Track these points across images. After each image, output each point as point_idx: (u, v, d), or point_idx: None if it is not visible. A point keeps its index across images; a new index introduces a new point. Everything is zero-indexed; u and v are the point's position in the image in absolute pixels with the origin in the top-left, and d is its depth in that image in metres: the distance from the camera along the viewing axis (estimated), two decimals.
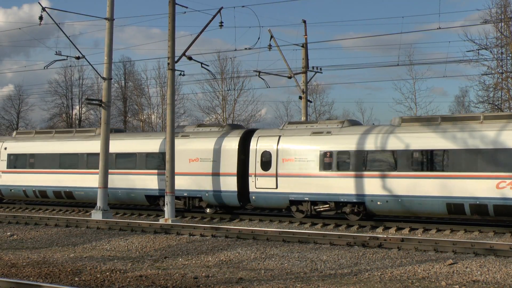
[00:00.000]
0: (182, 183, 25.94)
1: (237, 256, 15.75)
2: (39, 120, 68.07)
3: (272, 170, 24.35)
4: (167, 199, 24.12)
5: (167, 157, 24.40)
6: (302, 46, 32.85)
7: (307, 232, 19.00)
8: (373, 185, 22.34)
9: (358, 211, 23.03)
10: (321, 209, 23.71)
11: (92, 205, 28.28)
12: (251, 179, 24.80)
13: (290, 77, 32.69)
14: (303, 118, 32.61)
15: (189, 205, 26.76)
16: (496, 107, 42.85)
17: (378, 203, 22.24)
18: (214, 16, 25.22)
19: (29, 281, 11.72)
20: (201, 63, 26.89)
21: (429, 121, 22.72)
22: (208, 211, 26.79)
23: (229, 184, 25.33)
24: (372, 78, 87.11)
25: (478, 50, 39.90)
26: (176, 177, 24.51)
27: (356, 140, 22.97)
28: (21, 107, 67.94)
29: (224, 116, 54.07)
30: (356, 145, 22.85)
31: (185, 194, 26.39)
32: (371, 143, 22.71)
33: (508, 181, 20.00)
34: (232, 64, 54.99)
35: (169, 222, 23.19)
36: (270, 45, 30.95)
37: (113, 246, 18.00)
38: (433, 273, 13.28)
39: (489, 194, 20.31)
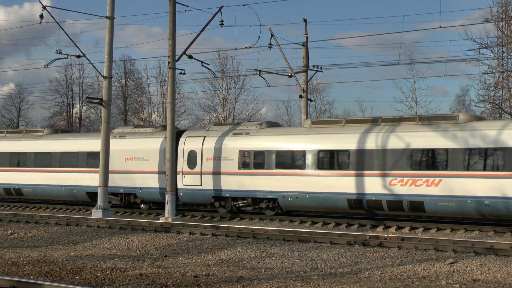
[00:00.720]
0: (118, 181, 27.90)
1: (238, 255, 15.76)
2: (39, 119, 68.15)
3: (197, 168, 26.10)
4: (167, 197, 24.13)
5: (168, 155, 24.42)
6: (303, 45, 32.83)
7: (307, 231, 19.01)
8: (284, 183, 24.11)
9: (273, 207, 24.79)
10: (240, 204, 25.47)
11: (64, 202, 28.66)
12: (179, 177, 26.28)
13: (290, 76, 32.67)
14: (303, 117, 32.62)
15: (125, 201, 28.51)
16: (496, 106, 42.85)
17: (289, 199, 24.06)
18: (215, 15, 25.23)
19: (30, 280, 11.73)
20: (202, 62, 26.91)
21: (334, 123, 24.74)
22: (142, 206, 28.63)
23: (160, 181, 26.87)
24: (372, 77, 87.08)
25: (479, 49, 39.87)
26: (113, 175, 26.60)
27: (271, 140, 24.79)
28: (22, 106, 68.03)
29: (225, 114, 54.08)
30: (270, 145, 24.68)
31: (121, 191, 28.25)
32: (283, 144, 24.65)
33: (398, 178, 21.94)
34: (233, 62, 55.06)
35: (170, 221, 23.21)
36: (270, 44, 30.96)
37: (114, 244, 18.01)
38: (433, 272, 13.28)
39: (382, 191, 22.25)
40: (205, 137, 26.40)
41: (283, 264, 14.52)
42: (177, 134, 26.67)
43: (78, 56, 27.01)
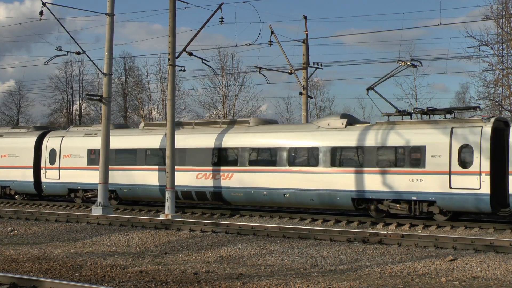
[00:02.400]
0: None
1: (237, 252, 15.76)
2: (39, 116, 68.27)
3: (56, 164, 30.04)
4: (168, 194, 24.15)
5: (168, 153, 24.44)
6: (303, 42, 32.82)
7: (307, 228, 19.01)
8: (120, 177, 27.77)
9: (116, 197, 28.67)
10: (89, 195, 29.38)
11: (92, 200, 28.71)
12: (42, 172, 30.47)
13: (290, 73, 32.66)
14: (303, 114, 32.64)
15: (2, 192, 32.61)
16: (496, 104, 42.80)
17: (124, 190, 27.99)
18: (215, 12, 25.22)
19: (30, 276, 11.73)
20: (202, 59, 26.90)
21: (163, 126, 27.62)
22: (17, 197, 32.66)
23: (28, 175, 31.00)
24: (372, 74, 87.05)
25: (479, 46, 39.77)
26: None
27: (113, 140, 27.15)
28: (22, 103, 68.01)
29: (225, 112, 54.06)
30: (112, 144, 27.10)
31: None
32: (120, 143, 28.17)
33: (202, 173, 25.79)
34: (233, 60, 55.05)
35: (170, 217, 23.23)
36: (270, 41, 30.96)
37: (114, 241, 18.02)
38: (433, 269, 13.29)
39: (191, 183, 25.99)
40: (63, 137, 30.33)
41: (283, 261, 14.53)
42: (44, 134, 31.35)
43: (78, 53, 27.02)
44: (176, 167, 24.95)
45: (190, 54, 25.94)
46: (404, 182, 21.76)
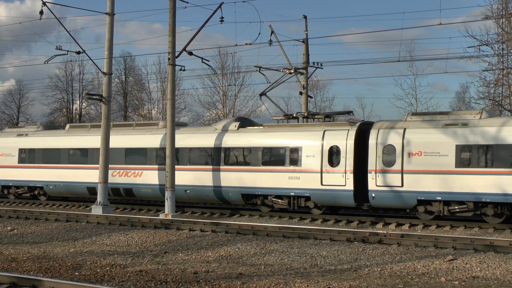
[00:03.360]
0: None
1: (237, 251, 15.76)
2: (39, 115, 68.07)
3: None
4: (168, 194, 24.14)
5: (168, 152, 24.44)
6: (303, 42, 32.79)
7: (307, 228, 19.02)
8: (47, 174, 30.38)
9: (44, 193, 31.06)
10: (20, 191, 31.95)
11: (92, 199, 28.81)
12: None
13: (291, 73, 32.63)
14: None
15: None
16: (496, 103, 42.79)
17: (51, 187, 30.45)
18: (215, 11, 25.21)
19: (30, 276, 11.73)
20: (202, 58, 26.89)
21: (83, 128, 31.18)
22: None
23: None
24: (372, 74, 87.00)
25: (479, 46, 39.75)
26: None
27: (40, 140, 30.92)
28: (22, 102, 67.92)
29: (225, 111, 54.03)
30: (38, 144, 30.83)
31: None
32: (46, 143, 30.84)
33: (117, 171, 27.96)
34: (233, 59, 54.94)
35: (169, 217, 23.23)
36: (270, 41, 30.91)
37: (113, 241, 18.02)
38: (432, 269, 13.29)
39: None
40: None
41: (282, 261, 14.53)
42: None
43: (78, 52, 26.98)
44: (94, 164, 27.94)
45: (190, 53, 25.92)
46: (284, 179, 23.95)
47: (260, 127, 25.99)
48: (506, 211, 20.79)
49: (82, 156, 29.57)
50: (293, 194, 23.88)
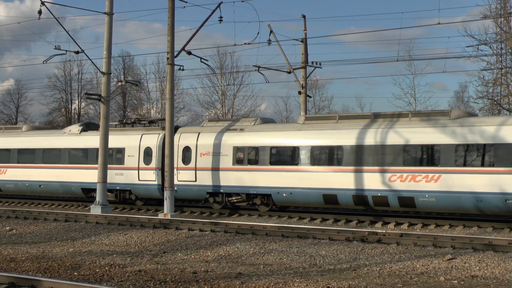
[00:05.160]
0: None
1: (236, 251, 15.76)
2: (38, 115, 68.15)
3: None
4: (166, 193, 24.12)
5: (167, 152, 24.43)
6: (302, 41, 32.80)
7: (306, 227, 19.01)
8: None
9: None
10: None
11: (91, 199, 28.83)
12: None
13: (289, 72, 32.65)
14: (302, 113, 32.58)
15: None
16: (495, 103, 42.83)
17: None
18: (214, 11, 25.19)
19: (28, 276, 11.72)
20: (201, 58, 26.89)
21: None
22: None
23: None
24: (371, 73, 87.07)
25: (478, 45, 39.71)
26: None
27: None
28: (20, 102, 67.90)
29: (224, 111, 54.03)
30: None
31: None
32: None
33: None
34: (232, 59, 54.97)
35: (168, 217, 23.21)
36: (269, 40, 30.92)
37: (112, 240, 18.01)
38: (432, 268, 13.29)
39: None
40: None
41: (281, 260, 14.53)
42: None
43: (77, 52, 26.96)
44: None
45: (189, 53, 25.91)
46: (111, 175, 26.81)
47: (98, 130, 28.30)
48: (270, 201, 25.01)
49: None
50: (118, 188, 28.12)
